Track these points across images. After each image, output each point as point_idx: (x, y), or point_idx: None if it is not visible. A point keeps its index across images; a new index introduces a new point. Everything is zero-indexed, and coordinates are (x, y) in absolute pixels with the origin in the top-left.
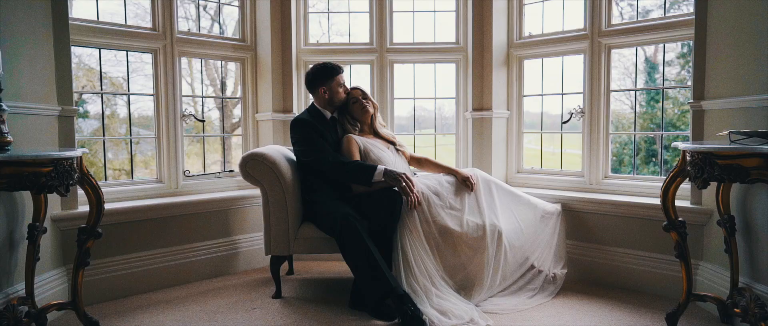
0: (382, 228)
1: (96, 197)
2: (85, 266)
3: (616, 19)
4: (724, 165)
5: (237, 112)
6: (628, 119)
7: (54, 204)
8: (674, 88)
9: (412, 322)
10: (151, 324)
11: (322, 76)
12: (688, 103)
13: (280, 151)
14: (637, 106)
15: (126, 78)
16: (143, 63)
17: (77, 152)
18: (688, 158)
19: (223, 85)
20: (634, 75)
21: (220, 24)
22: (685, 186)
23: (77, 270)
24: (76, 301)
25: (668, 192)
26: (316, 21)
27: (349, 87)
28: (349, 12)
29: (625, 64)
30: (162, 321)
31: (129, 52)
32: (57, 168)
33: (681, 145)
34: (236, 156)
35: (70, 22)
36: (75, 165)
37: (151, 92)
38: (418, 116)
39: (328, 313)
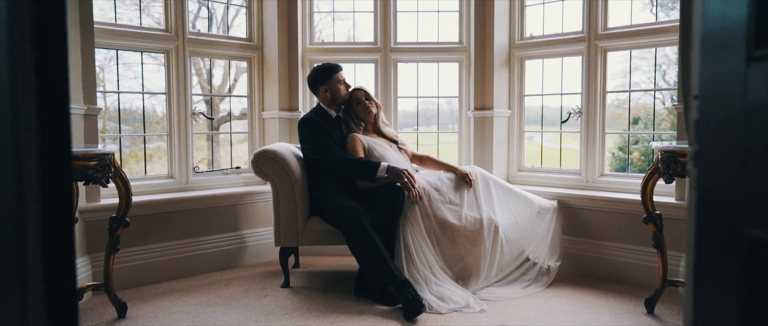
0: (386, 222)
1: (125, 189)
2: (115, 252)
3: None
4: (684, 163)
5: (224, 106)
6: (659, 116)
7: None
8: (664, 90)
9: (412, 306)
10: (172, 308)
11: (321, 76)
12: (674, 105)
13: (289, 148)
14: (669, 101)
15: (101, 68)
16: (121, 51)
17: (114, 148)
18: (659, 156)
19: (210, 75)
20: (664, 67)
21: (208, 7)
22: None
23: (109, 255)
24: (108, 284)
25: (647, 188)
26: (320, 7)
27: (350, 83)
28: (353, 11)
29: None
30: (181, 306)
31: (142, 53)
32: (101, 162)
33: (654, 145)
34: (226, 153)
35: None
36: (112, 159)
37: (163, 91)
38: (425, 110)
39: (335, 300)
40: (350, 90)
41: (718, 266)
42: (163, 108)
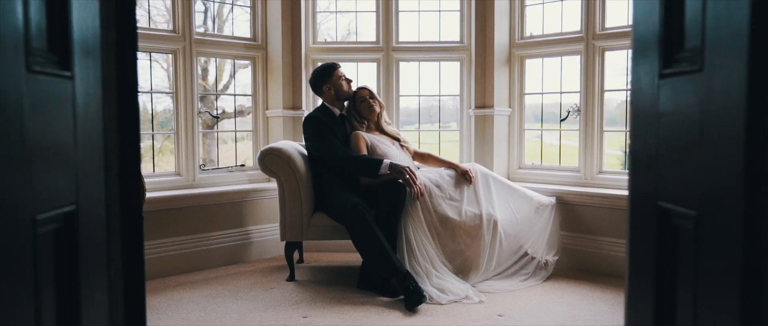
0: (388, 217)
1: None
2: None
3: None
4: None
5: (220, 103)
6: None
7: None
8: None
9: (414, 296)
10: (182, 300)
11: (323, 76)
12: None
13: (294, 146)
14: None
15: None
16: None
17: None
18: None
19: (205, 72)
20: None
21: (204, 3)
22: None
23: None
24: None
25: None
26: (323, 6)
27: (350, 78)
28: (356, 11)
29: None
30: (191, 297)
31: (151, 53)
32: None
33: None
34: (222, 151)
35: None
36: None
37: (170, 90)
38: (429, 106)
39: (339, 292)
40: (355, 89)
41: (643, 231)
42: (154, 106)
